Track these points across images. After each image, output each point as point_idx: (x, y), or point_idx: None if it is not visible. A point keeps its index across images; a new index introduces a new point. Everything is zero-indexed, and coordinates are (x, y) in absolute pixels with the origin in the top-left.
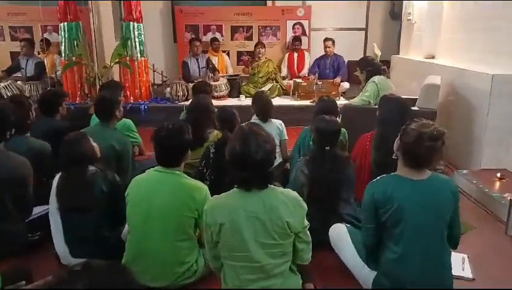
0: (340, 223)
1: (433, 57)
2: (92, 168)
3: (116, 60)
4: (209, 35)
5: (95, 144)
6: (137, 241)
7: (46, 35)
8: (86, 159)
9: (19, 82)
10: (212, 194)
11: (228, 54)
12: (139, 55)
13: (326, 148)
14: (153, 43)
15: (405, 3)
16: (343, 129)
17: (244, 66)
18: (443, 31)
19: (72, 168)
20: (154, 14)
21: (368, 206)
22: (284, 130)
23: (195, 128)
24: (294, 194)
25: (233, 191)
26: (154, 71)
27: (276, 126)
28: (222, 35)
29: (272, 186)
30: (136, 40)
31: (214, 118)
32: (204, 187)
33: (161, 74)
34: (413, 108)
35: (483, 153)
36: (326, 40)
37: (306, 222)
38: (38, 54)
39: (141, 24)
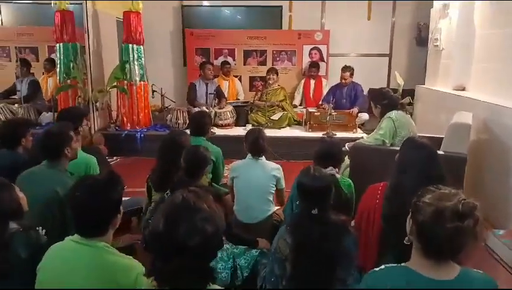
0: None
1: (463, 89)
2: (14, 225)
3: (113, 84)
4: (221, 59)
5: (21, 195)
6: None
7: (53, 55)
8: (6, 215)
9: (16, 104)
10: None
11: (240, 79)
12: (138, 79)
13: (313, 211)
14: (162, 67)
15: (432, 28)
16: (348, 180)
17: (255, 93)
18: (475, 59)
19: None
20: (164, 36)
21: None
22: (282, 178)
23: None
24: None
25: None
26: (162, 96)
27: (270, 171)
28: (234, 60)
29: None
30: (136, 63)
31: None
32: (135, 267)
33: (161, 97)
34: (438, 152)
35: None
36: (344, 69)
37: None
38: (43, 74)
39: (141, 46)
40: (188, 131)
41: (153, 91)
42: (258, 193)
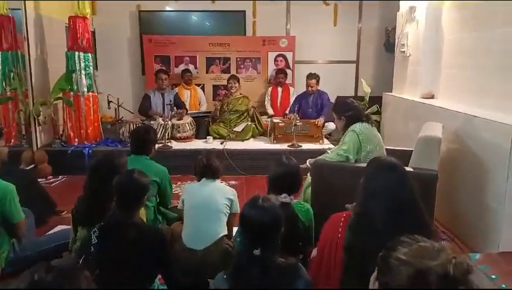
0: None
1: (432, 97)
2: None
3: (58, 96)
4: (181, 67)
5: None
6: None
7: None
8: None
9: None
10: None
11: (203, 88)
12: (85, 90)
13: (254, 252)
14: (119, 76)
15: (398, 33)
16: (306, 205)
17: (215, 102)
18: (444, 65)
19: None
20: (120, 43)
21: None
22: (236, 202)
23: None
24: None
25: None
26: (118, 106)
27: (225, 193)
28: (196, 68)
29: None
30: (83, 72)
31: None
32: None
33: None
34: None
35: (502, 231)
36: (310, 76)
37: None
38: None
39: (89, 54)
40: None
41: (109, 102)
42: (210, 216)
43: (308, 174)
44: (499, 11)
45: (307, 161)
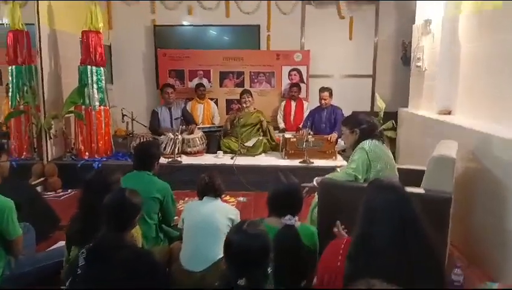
0: None
1: (449, 113)
2: None
3: (69, 109)
4: (195, 81)
5: None
6: None
7: None
8: None
9: None
10: None
11: (216, 102)
12: (97, 103)
13: (239, 282)
14: (133, 89)
15: (414, 46)
16: (311, 228)
17: (227, 117)
18: (461, 78)
19: None
20: (136, 57)
21: None
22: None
23: None
24: None
25: None
26: (132, 120)
27: (226, 213)
28: (210, 82)
29: None
30: (94, 86)
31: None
32: None
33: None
34: (416, 191)
35: None
36: (322, 90)
37: None
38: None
39: (101, 68)
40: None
41: (123, 115)
42: (209, 236)
43: (316, 193)
44: None
45: (314, 179)
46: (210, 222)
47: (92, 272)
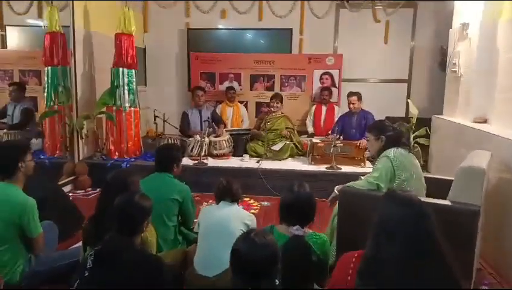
0: None
1: (485, 122)
2: None
3: (100, 110)
4: (226, 84)
5: None
6: None
7: None
8: None
9: (3, 130)
10: None
11: (246, 105)
12: (127, 105)
13: None
14: (166, 91)
15: (450, 51)
16: (322, 237)
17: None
18: (499, 87)
19: None
20: (169, 60)
21: None
22: (255, 227)
23: None
24: None
25: None
26: (164, 121)
27: (242, 218)
28: (240, 85)
29: None
30: (126, 88)
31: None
32: None
33: (163, 123)
34: (442, 203)
35: None
36: (350, 94)
37: None
38: None
39: (133, 70)
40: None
41: (155, 117)
42: (223, 241)
43: (337, 202)
44: None
45: (335, 187)
46: (224, 227)
47: (98, 275)
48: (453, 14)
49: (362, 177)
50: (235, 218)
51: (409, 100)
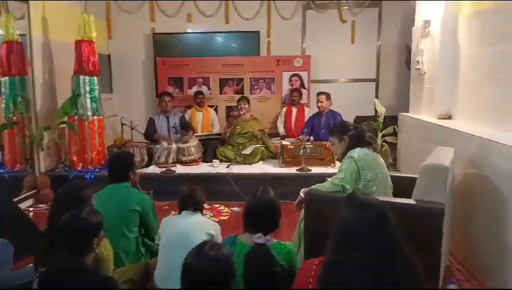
0: None
1: (449, 118)
2: None
3: (62, 120)
4: (195, 89)
5: None
6: None
7: None
8: None
9: None
10: None
11: (216, 110)
12: (90, 113)
13: None
14: (133, 98)
15: (413, 49)
16: (287, 245)
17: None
18: (462, 83)
19: None
20: (135, 66)
21: None
22: (219, 238)
23: None
24: None
25: None
26: (132, 129)
27: (205, 228)
28: (209, 89)
29: None
30: (88, 95)
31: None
32: None
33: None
34: (407, 202)
35: None
36: (318, 94)
37: None
38: None
39: (94, 78)
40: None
41: (122, 124)
42: (184, 253)
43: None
44: None
45: (301, 190)
46: (187, 238)
47: None
48: (416, 11)
49: (329, 179)
50: (198, 228)
51: (375, 99)
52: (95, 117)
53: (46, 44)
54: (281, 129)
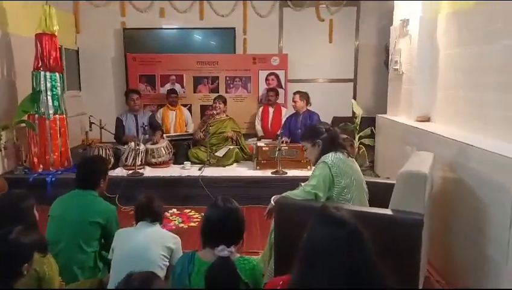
0: None
1: (428, 120)
2: None
3: (21, 119)
4: (167, 87)
5: None
6: None
7: None
8: None
9: None
10: None
11: (190, 109)
12: (51, 112)
13: None
14: (102, 96)
15: (391, 49)
16: (252, 261)
17: (199, 125)
18: (440, 83)
19: None
20: (105, 62)
21: None
22: (179, 252)
23: None
24: None
25: None
26: (101, 128)
27: (164, 241)
28: (183, 87)
29: None
30: (49, 93)
31: None
32: None
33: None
34: (384, 212)
35: (504, 285)
36: (294, 93)
37: None
38: None
39: (56, 74)
40: None
41: (91, 123)
42: (141, 269)
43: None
44: (498, 20)
45: (272, 198)
46: (142, 253)
47: None
48: (394, 9)
49: (302, 184)
50: (156, 242)
51: (352, 100)
52: (57, 116)
53: (4, 38)
54: (260, 130)
